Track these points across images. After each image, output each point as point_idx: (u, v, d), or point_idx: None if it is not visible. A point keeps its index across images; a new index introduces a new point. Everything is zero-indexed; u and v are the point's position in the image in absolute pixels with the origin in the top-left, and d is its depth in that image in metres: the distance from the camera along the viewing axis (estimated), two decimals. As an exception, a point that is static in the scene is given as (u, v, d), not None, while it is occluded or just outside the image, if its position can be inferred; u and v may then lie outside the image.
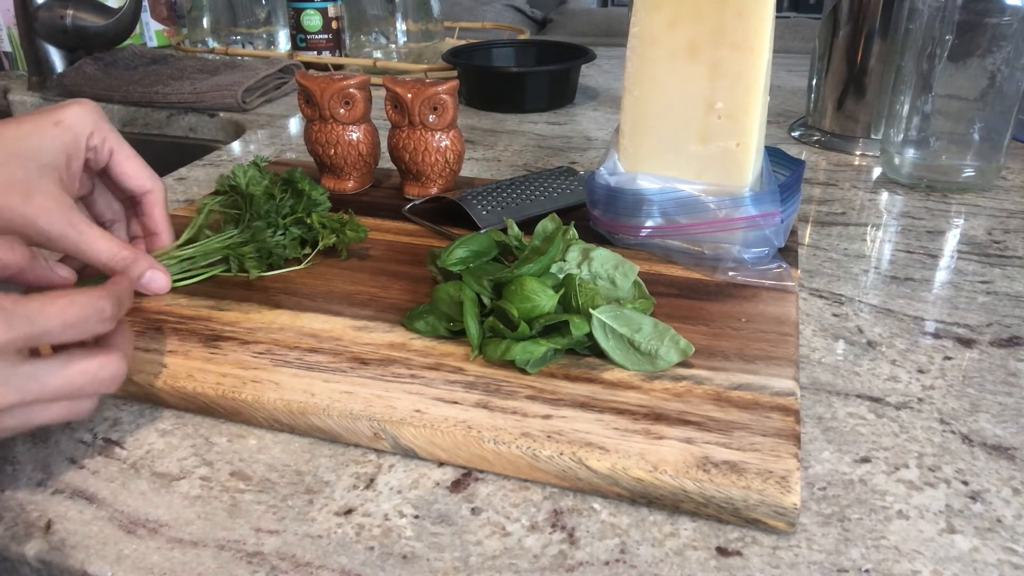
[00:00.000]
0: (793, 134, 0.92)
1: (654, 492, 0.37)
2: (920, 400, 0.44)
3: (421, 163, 0.66)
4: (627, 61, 0.55)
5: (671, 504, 0.37)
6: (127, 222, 0.53)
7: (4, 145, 0.42)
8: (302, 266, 0.56)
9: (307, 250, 0.57)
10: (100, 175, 0.50)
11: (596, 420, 0.40)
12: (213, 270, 0.54)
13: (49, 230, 0.41)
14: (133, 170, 0.48)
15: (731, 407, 0.41)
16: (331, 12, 1.21)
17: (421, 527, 0.36)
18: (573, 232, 0.52)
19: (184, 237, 0.54)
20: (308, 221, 0.56)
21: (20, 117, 0.45)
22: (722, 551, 0.35)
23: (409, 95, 0.64)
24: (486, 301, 0.47)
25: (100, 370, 0.36)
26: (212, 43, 1.35)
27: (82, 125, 0.45)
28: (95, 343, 0.38)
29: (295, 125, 0.99)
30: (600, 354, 0.45)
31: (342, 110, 0.66)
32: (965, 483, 0.38)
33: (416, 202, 0.67)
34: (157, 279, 0.47)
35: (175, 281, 0.52)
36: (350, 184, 0.70)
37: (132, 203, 0.51)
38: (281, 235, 0.55)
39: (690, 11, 0.52)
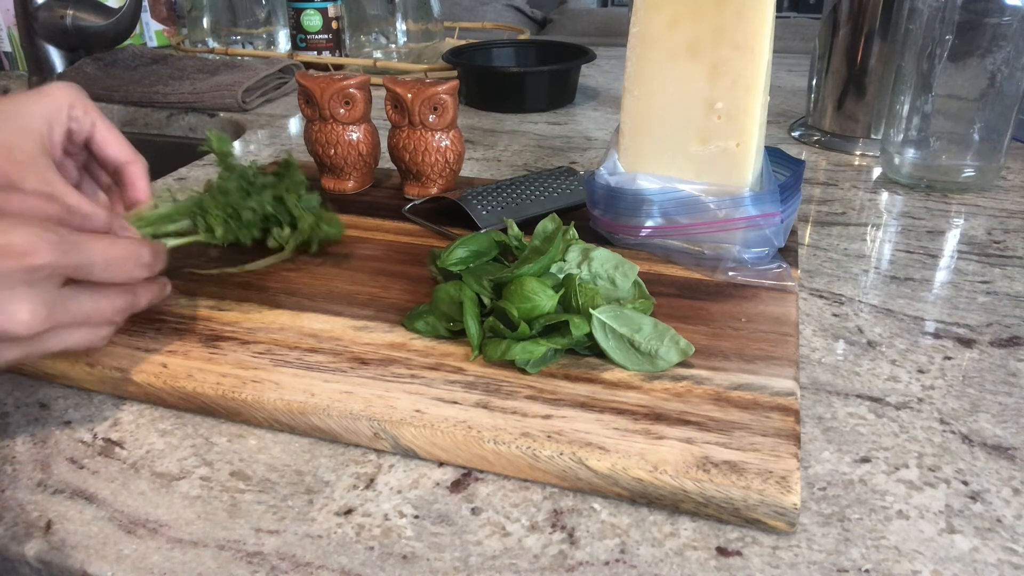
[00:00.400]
0: (793, 134, 0.92)
1: (654, 492, 0.37)
2: (920, 400, 0.44)
3: (421, 163, 0.66)
4: (627, 61, 0.55)
5: (671, 504, 0.37)
6: (112, 207, 0.54)
7: None
8: (284, 253, 0.56)
9: (287, 231, 0.56)
10: (86, 155, 0.51)
11: (596, 420, 0.40)
12: (182, 239, 0.52)
13: (27, 189, 0.42)
14: (115, 141, 0.50)
15: (731, 407, 0.41)
16: (331, 12, 1.21)
17: (421, 527, 0.36)
18: (573, 232, 0.52)
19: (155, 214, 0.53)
20: (282, 193, 0.55)
21: (14, 94, 0.47)
22: (722, 551, 0.35)
23: (409, 95, 0.64)
24: (486, 301, 0.47)
25: (117, 299, 0.40)
26: (212, 43, 1.35)
27: (64, 96, 0.47)
28: None
29: (295, 125, 0.99)
30: (600, 354, 0.45)
31: (342, 110, 0.66)
32: (965, 483, 0.38)
33: (416, 202, 0.67)
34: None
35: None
36: (350, 184, 0.70)
37: (116, 180, 0.52)
38: (254, 207, 0.54)
39: (690, 11, 0.52)
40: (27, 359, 0.38)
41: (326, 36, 1.22)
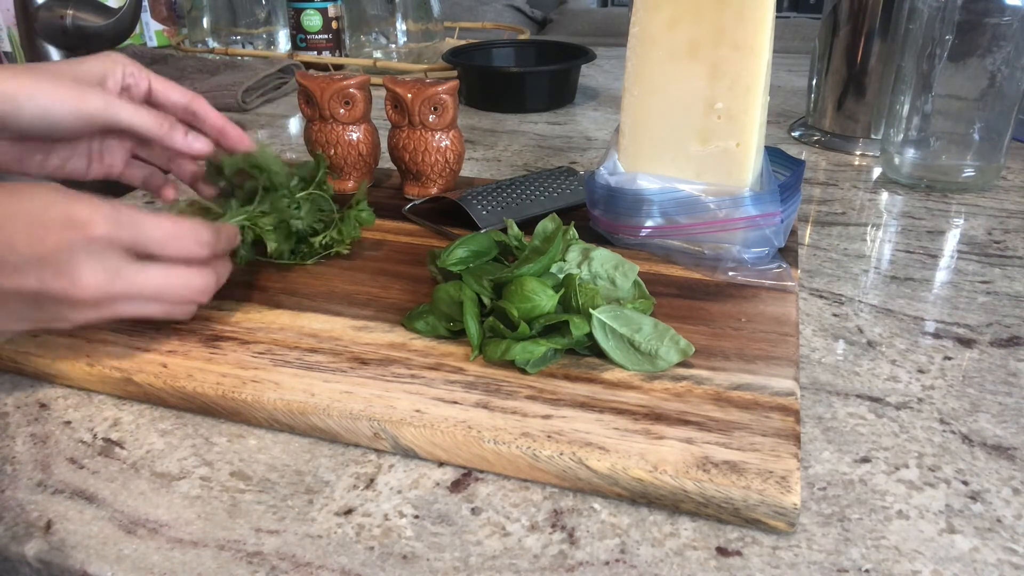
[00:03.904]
0: (793, 134, 0.92)
1: (654, 492, 0.37)
2: (920, 400, 0.44)
3: (421, 163, 0.66)
4: (627, 61, 0.55)
5: (671, 504, 0.37)
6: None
7: (47, 67, 0.48)
8: (312, 261, 0.57)
9: (321, 238, 0.56)
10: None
11: (596, 420, 0.40)
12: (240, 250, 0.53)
13: (98, 102, 0.47)
14: (173, 88, 0.54)
15: (731, 407, 0.41)
16: (331, 12, 1.21)
17: (421, 527, 0.36)
18: (573, 232, 0.52)
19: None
20: (319, 193, 0.56)
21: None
22: (722, 551, 0.35)
23: (409, 95, 0.64)
24: (486, 301, 0.47)
25: (192, 278, 0.43)
26: (212, 43, 1.35)
27: (118, 57, 0.51)
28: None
29: (295, 125, 0.99)
30: (600, 354, 0.45)
31: (342, 110, 0.66)
32: (965, 483, 0.38)
33: (416, 202, 0.67)
34: (199, 139, 0.52)
35: None
36: (350, 184, 0.70)
37: (187, 121, 0.54)
38: (296, 208, 0.55)
39: (690, 11, 0.52)
40: (101, 321, 0.40)
41: (326, 36, 1.22)
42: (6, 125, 0.46)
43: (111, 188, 0.82)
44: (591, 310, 0.44)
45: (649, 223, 0.56)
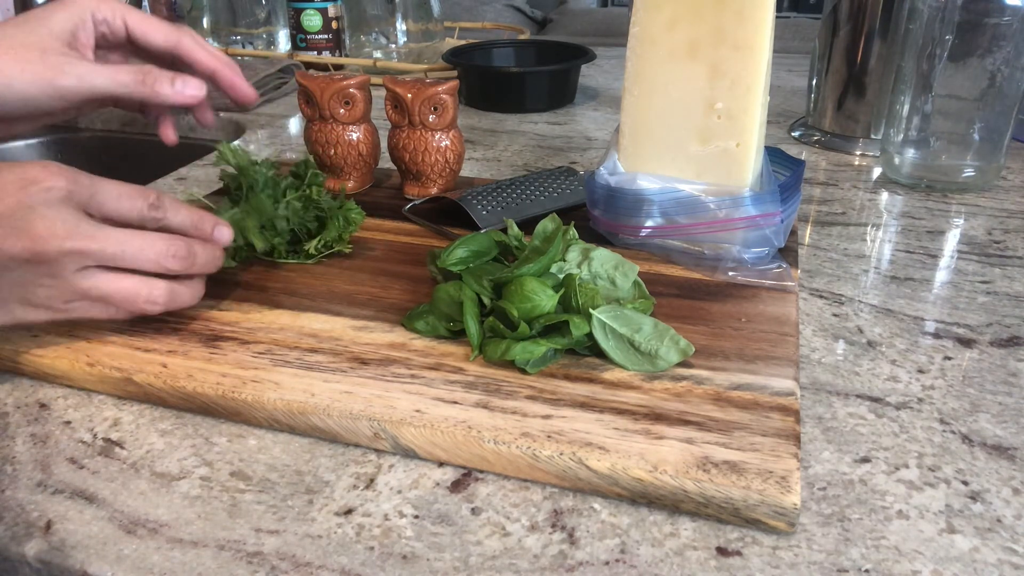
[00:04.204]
0: (793, 134, 0.92)
1: (654, 492, 0.37)
2: (920, 400, 0.44)
3: (421, 163, 0.66)
4: (627, 61, 0.55)
5: (671, 504, 0.37)
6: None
7: (15, 22, 0.45)
8: (313, 260, 0.57)
9: (313, 242, 0.57)
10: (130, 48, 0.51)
11: (596, 420, 0.40)
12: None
13: (75, 74, 0.45)
14: (153, 27, 0.49)
15: (731, 407, 0.41)
16: (331, 12, 1.21)
17: (421, 527, 0.36)
18: (573, 232, 0.52)
19: None
20: (307, 192, 0.57)
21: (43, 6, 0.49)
22: (722, 551, 0.35)
23: (409, 95, 0.64)
24: (486, 301, 0.47)
25: (156, 240, 0.41)
26: (212, 43, 1.35)
27: (86, 3, 0.47)
28: None
29: (295, 125, 0.99)
30: (600, 354, 0.45)
31: (342, 110, 0.66)
32: (965, 483, 0.38)
33: (416, 202, 0.67)
34: (189, 83, 0.48)
35: None
36: (350, 184, 0.70)
37: (176, 67, 0.50)
38: (285, 208, 0.55)
39: (690, 11, 0.52)
40: (64, 302, 0.39)
41: (326, 36, 1.22)
42: None
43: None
44: (591, 310, 0.44)
45: (649, 223, 0.56)
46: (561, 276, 0.48)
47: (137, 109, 0.52)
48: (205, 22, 1.36)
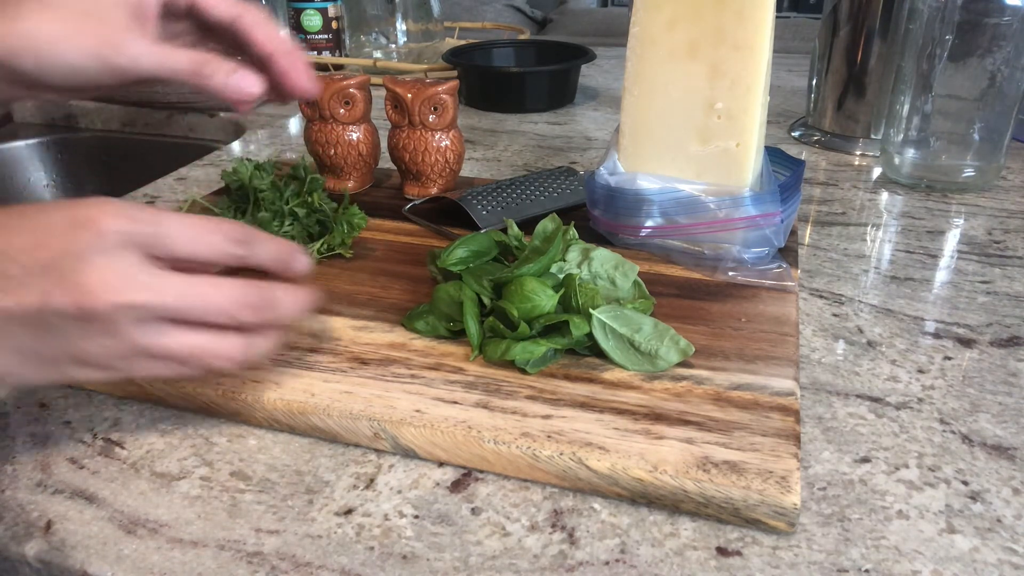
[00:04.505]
0: (793, 134, 0.92)
1: (654, 492, 0.37)
2: (920, 400, 0.44)
3: (421, 163, 0.66)
4: (627, 61, 0.55)
5: (671, 504, 0.37)
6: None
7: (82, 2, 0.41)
8: (314, 260, 0.57)
9: (315, 244, 0.57)
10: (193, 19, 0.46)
11: (596, 420, 0.40)
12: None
13: (136, 52, 0.40)
14: (216, 1, 0.44)
15: (731, 407, 0.41)
16: (331, 12, 1.21)
17: (421, 527, 0.36)
18: (573, 232, 0.52)
19: None
20: (310, 200, 0.57)
21: None
22: (722, 551, 0.35)
23: (409, 95, 0.64)
24: (486, 301, 0.47)
25: (232, 287, 0.34)
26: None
27: None
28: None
29: (295, 125, 0.99)
30: (600, 354, 0.45)
31: (342, 110, 0.66)
32: (965, 483, 0.38)
33: (416, 202, 0.67)
34: (246, 78, 0.42)
35: None
36: (350, 184, 0.70)
37: (235, 44, 0.45)
38: (290, 225, 0.55)
39: (690, 11, 0.52)
40: (116, 362, 0.33)
41: (326, 36, 1.22)
42: (32, 84, 0.40)
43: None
44: (591, 310, 0.44)
45: (649, 223, 0.56)
46: (561, 276, 0.48)
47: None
48: (205, 22, 1.36)
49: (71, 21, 0.39)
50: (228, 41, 0.45)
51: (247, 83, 0.42)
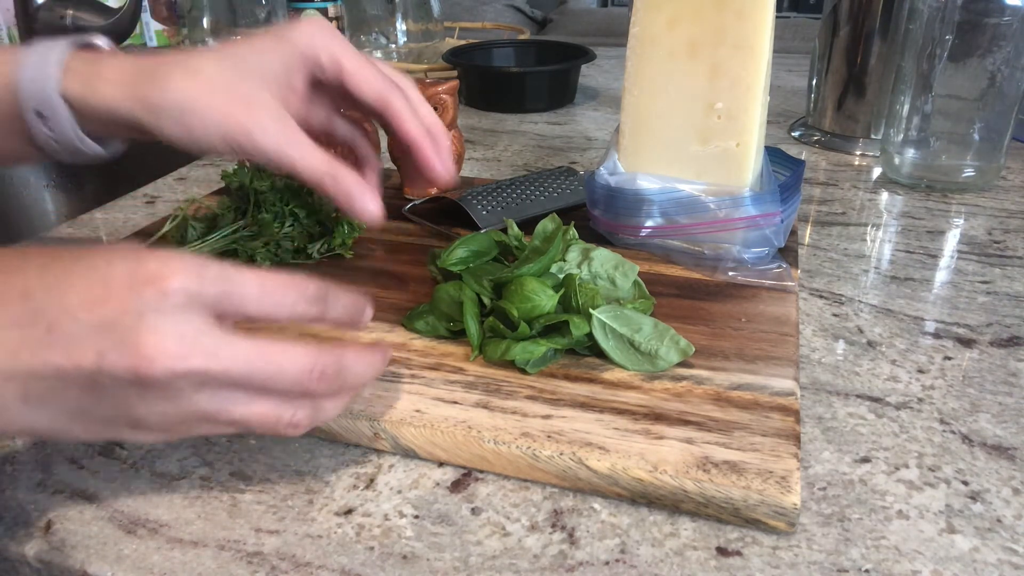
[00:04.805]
0: (793, 134, 0.92)
1: (654, 492, 0.37)
2: (920, 400, 0.44)
3: (421, 163, 0.66)
4: (627, 61, 0.55)
5: (671, 504, 0.37)
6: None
7: (229, 58, 0.41)
8: (313, 261, 0.57)
9: (316, 245, 0.57)
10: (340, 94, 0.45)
11: (596, 420, 0.40)
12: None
13: (264, 143, 0.40)
14: (367, 79, 0.43)
15: (731, 407, 0.41)
16: (331, 12, 1.21)
17: (421, 527, 0.36)
18: (573, 232, 0.52)
19: (166, 227, 0.56)
20: (310, 201, 0.57)
21: (252, 36, 0.43)
22: (722, 551, 0.35)
23: (409, 95, 0.64)
24: (486, 301, 0.47)
25: (298, 356, 0.32)
26: (212, 43, 1.35)
27: (306, 39, 0.42)
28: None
29: (295, 125, 0.98)
30: (600, 354, 0.45)
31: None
32: (965, 483, 0.38)
33: (416, 202, 0.67)
34: (370, 202, 0.41)
35: None
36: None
37: (380, 123, 0.45)
38: (290, 227, 0.56)
39: (690, 11, 0.52)
40: (176, 429, 0.32)
41: (326, 36, 1.22)
42: (170, 142, 0.40)
43: (110, 192, 0.83)
44: (591, 310, 0.44)
45: (649, 223, 0.56)
46: (561, 276, 0.48)
47: None
48: (205, 22, 1.36)
49: (213, 95, 0.39)
50: (375, 117, 0.45)
51: (371, 208, 0.41)
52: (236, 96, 0.40)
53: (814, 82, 0.88)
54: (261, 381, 0.31)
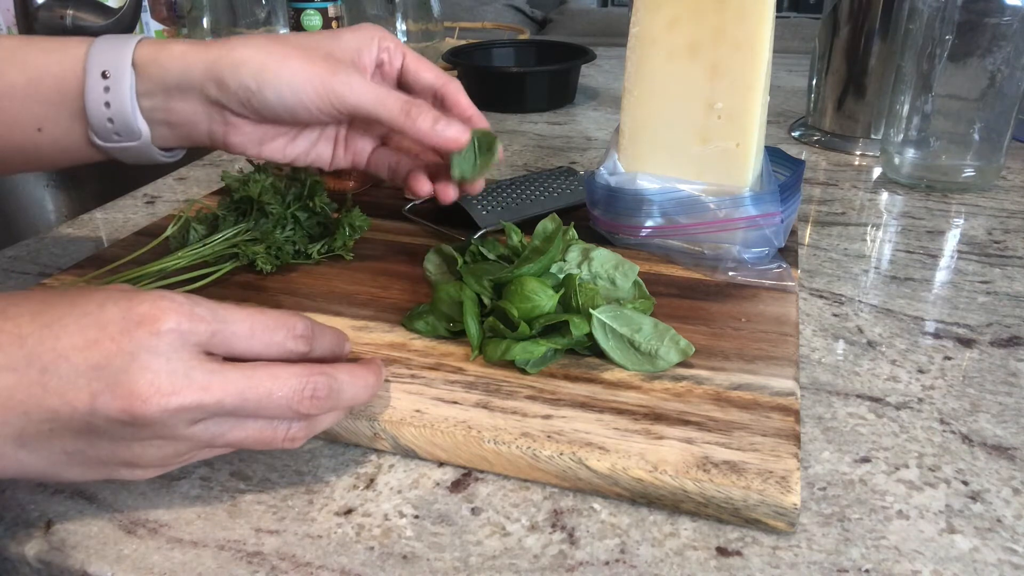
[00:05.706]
0: (793, 134, 0.92)
1: (654, 492, 0.37)
2: (920, 400, 0.44)
3: (421, 163, 0.66)
4: (627, 61, 0.55)
5: (671, 504, 0.37)
6: None
7: (302, 41, 0.45)
8: (313, 261, 0.57)
9: (316, 246, 0.57)
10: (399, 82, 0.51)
11: (596, 420, 0.40)
12: (223, 267, 0.54)
13: (348, 81, 0.44)
14: (427, 68, 0.50)
15: (731, 407, 0.41)
16: (331, 12, 1.21)
17: (421, 527, 0.36)
18: (573, 232, 0.52)
19: (169, 231, 0.56)
20: (311, 204, 0.57)
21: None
22: (722, 551, 0.35)
23: (409, 95, 0.64)
24: (486, 301, 0.47)
25: (288, 379, 0.32)
26: (212, 43, 1.35)
27: (374, 31, 0.49)
28: None
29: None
30: (600, 354, 0.45)
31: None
32: (965, 483, 0.38)
33: (416, 202, 0.67)
34: (451, 126, 0.45)
35: (188, 285, 0.52)
36: (351, 184, 0.70)
37: (438, 104, 0.50)
38: (291, 231, 0.56)
39: (690, 11, 0.52)
40: (174, 461, 0.33)
41: (326, 36, 1.22)
42: (247, 102, 0.43)
43: (113, 191, 0.83)
44: (591, 310, 0.44)
45: (649, 223, 0.56)
46: (561, 276, 0.48)
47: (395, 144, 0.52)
48: (205, 22, 1.36)
49: (294, 54, 0.43)
50: (428, 97, 0.50)
51: (453, 130, 0.45)
52: (308, 53, 0.44)
53: (814, 82, 0.88)
54: (254, 408, 0.32)
